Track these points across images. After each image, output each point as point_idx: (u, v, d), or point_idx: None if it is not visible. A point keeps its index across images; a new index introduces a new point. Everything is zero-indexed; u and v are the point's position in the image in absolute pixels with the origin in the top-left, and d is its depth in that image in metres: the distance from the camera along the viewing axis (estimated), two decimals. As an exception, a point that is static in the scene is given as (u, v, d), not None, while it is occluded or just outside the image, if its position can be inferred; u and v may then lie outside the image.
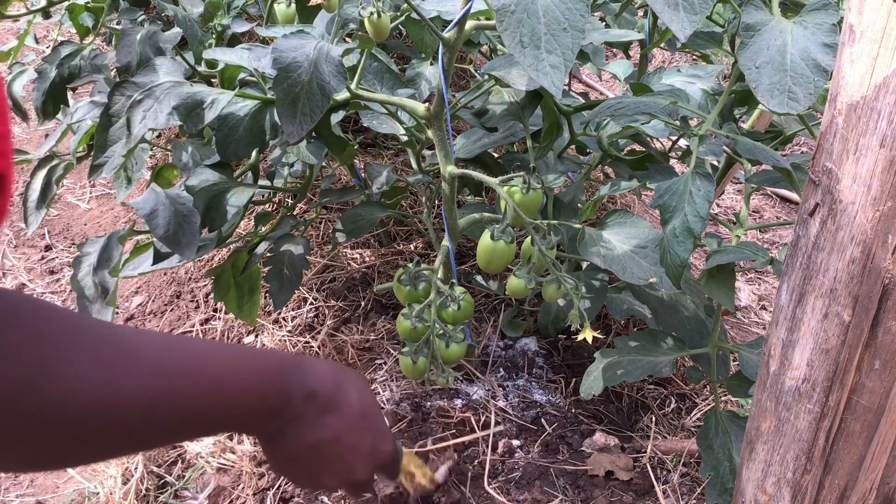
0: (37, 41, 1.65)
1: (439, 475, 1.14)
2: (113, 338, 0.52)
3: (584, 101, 1.22)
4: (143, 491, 1.22)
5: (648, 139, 1.24)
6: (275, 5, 1.34)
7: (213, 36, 1.41)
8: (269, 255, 1.28)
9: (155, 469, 1.27)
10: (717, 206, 2.26)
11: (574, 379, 1.34)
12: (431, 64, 1.35)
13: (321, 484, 0.75)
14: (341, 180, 1.75)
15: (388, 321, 1.47)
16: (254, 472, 1.19)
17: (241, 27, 1.43)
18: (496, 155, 1.33)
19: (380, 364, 1.38)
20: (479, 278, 1.45)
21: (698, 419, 1.32)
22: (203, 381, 0.58)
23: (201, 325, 1.65)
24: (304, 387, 0.67)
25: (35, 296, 0.49)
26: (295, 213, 1.57)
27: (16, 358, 0.44)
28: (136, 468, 1.24)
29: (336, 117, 1.23)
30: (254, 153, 1.21)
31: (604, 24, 1.51)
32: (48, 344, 0.46)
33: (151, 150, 1.50)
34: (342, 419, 0.71)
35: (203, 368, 0.58)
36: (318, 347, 1.42)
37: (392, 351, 1.40)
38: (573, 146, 1.28)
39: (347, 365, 1.39)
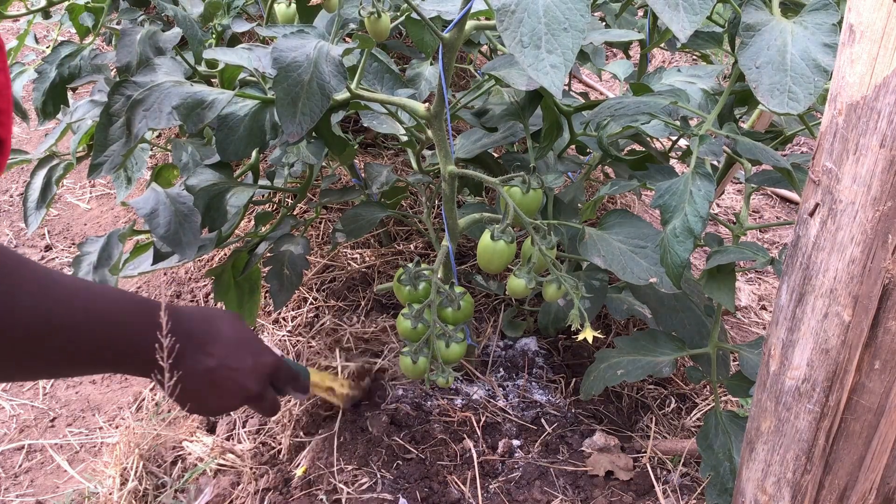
0: (37, 41, 1.65)
1: (364, 382, 1.19)
2: (46, 287, 0.66)
3: (584, 101, 1.22)
4: (142, 491, 1.22)
5: (648, 139, 1.24)
6: (275, 5, 1.34)
7: (213, 36, 1.41)
8: (269, 255, 1.28)
9: (154, 469, 1.27)
10: (717, 206, 2.26)
11: (574, 379, 1.34)
12: (431, 64, 1.35)
13: (222, 408, 0.87)
14: (341, 180, 1.75)
15: (388, 321, 1.47)
16: (254, 473, 1.19)
17: (241, 27, 1.43)
18: (496, 155, 1.33)
19: (380, 364, 1.38)
20: (478, 278, 1.45)
21: (698, 419, 1.32)
22: (99, 330, 0.72)
23: (201, 325, 1.64)
24: (180, 331, 0.78)
25: None
26: (295, 213, 1.56)
27: None
28: (134, 469, 1.24)
29: (336, 117, 1.23)
30: (254, 153, 1.21)
31: (604, 23, 1.51)
32: None
33: (151, 150, 1.50)
34: (219, 348, 0.82)
35: (99, 320, 0.71)
36: (318, 347, 1.42)
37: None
38: (573, 146, 1.28)
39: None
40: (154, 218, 1.09)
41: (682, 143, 1.65)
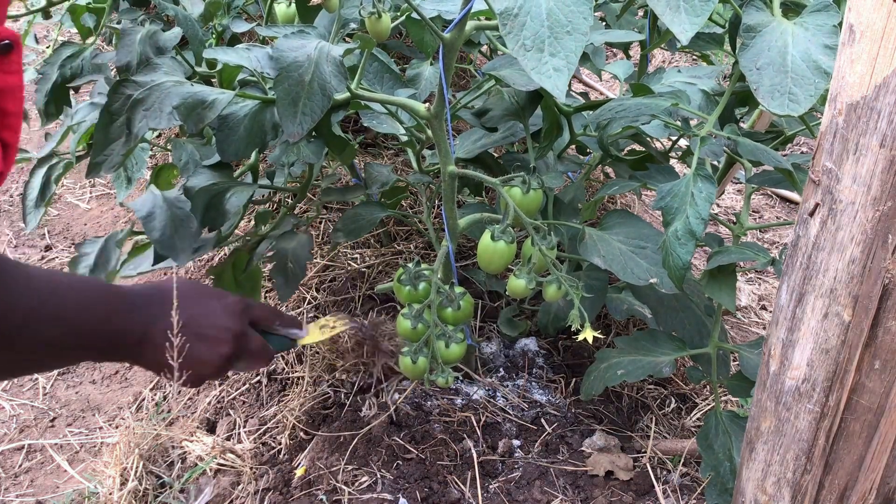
0: (37, 41, 1.64)
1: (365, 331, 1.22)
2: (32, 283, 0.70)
3: (584, 101, 1.22)
4: (142, 491, 1.22)
5: (648, 139, 1.24)
6: (275, 5, 1.34)
7: (214, 36, 1.41)
8: (271, 251, 1.28)
9: (154, 469, 1.27)
10: (717, 206, 2.26)
11: (574, 379, 1.34)
12: (431, 64, 1.35)
13: (215, 358, 0.85)
14: (341, 180, 1.75)
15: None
16: (254, 473, 1.19)
17: (241, 27, 1.43)
18: (496, 155, 1.33)
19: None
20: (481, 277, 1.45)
21: (698, 419, 1.32)
22: (71, 323, 0.74)
23: (201, 324, 1.64)
24: (141, 319, 0.80)
25: None
26: (295, 212, 1.56)
27: None
28: (134, 469, 1.24)
29: (336, 117, 1.23)
30: (254, 153, 1.21)
31: (604, 24, 1.51)
32: None
33: (151, 150, 1.50)
34: (182, 304, 0.81)
35: (75, 313, 0.74)
36: (318, 345, 1.42)
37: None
38: (573, 146, 1.28)
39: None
40: (150, 221, 1.09)
41: (682, 143, 1.65)
